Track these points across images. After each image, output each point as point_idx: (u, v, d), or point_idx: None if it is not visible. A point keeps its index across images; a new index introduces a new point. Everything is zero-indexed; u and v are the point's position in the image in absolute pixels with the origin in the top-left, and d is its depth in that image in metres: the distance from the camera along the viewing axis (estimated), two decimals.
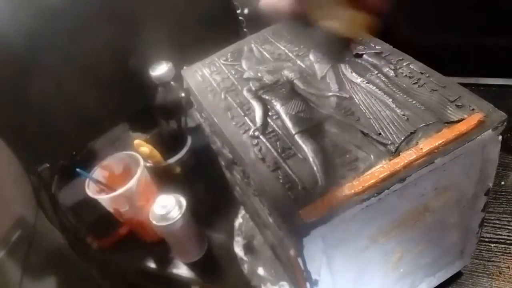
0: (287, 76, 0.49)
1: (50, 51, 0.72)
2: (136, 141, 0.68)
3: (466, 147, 0.37)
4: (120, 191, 0.62)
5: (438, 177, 0.39)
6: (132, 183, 0.62)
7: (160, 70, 0.72)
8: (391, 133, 0.39)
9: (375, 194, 0.35)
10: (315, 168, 0.38)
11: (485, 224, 0.58)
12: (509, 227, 0.61)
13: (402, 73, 0.45)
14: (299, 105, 0.45)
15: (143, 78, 0.73)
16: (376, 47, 0.50)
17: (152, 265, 0.73)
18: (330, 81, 0.47)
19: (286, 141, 0.42)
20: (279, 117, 0.45)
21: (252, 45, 0.56)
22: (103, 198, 0.63)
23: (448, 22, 0.80)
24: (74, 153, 0.83)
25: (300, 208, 0.35)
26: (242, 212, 0.71)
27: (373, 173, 0.36)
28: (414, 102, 0.41)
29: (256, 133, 0.43)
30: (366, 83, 0.45)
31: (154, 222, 0.63)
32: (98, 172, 0.67)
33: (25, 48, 0.70)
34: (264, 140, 0.42)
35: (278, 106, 0.46)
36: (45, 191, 0.80)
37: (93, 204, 0.65)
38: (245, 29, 0.95)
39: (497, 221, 0.62)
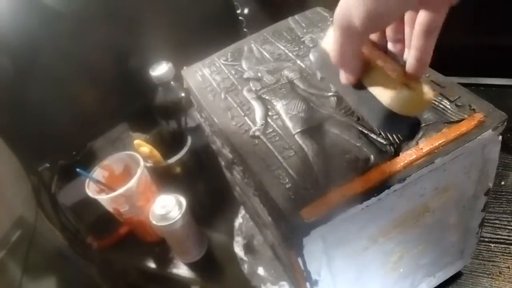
0: (287, 76, 0.49)
1: (50, 51, 0.72)
2: (136, 141, 0.68)
3: (466, 147, 0.37)
4: (120, 191, 0.62)
5: (438, 177, 0.39)
6: (132, 183, 0.62)
7: (160, 70, 0.72)
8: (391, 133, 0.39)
9: (375, 194, 0.35)
10: (315, 168, 0.38)
11: (485, 224, 0.58)
12: (509, 227, 0.61)
13: None
14: (299, 105, 0.45)
15: (143, 78, 0.73)
16: None
17: (152, 265, 0.73)
18: None
19: (286, 141, 0.42)
20: (279, 117, 0.45)
21: (252, 45, 0.56)
22: (103, 198, 0.63)
23: (448, 22, 0.80)
24: (74, 153, 0.83)
25: (300, 208, 0.35)
26: (242, 212, 0.71)
27: (373, 173, 0.36)
28: None
29: (257, 133, 0.43)
30: None
31: (154, 222, 0.63)
32: (98, 172, 0.67)
33: (25, 48, 0.70)
34: (264, 140, 0.42)
35: (278, 106, 0.46)
36: (45, 191, 0.81)
37: (93, 204, 0.65)
38: (245, 29, 0.95)
39: (497, 221, 0.62)
